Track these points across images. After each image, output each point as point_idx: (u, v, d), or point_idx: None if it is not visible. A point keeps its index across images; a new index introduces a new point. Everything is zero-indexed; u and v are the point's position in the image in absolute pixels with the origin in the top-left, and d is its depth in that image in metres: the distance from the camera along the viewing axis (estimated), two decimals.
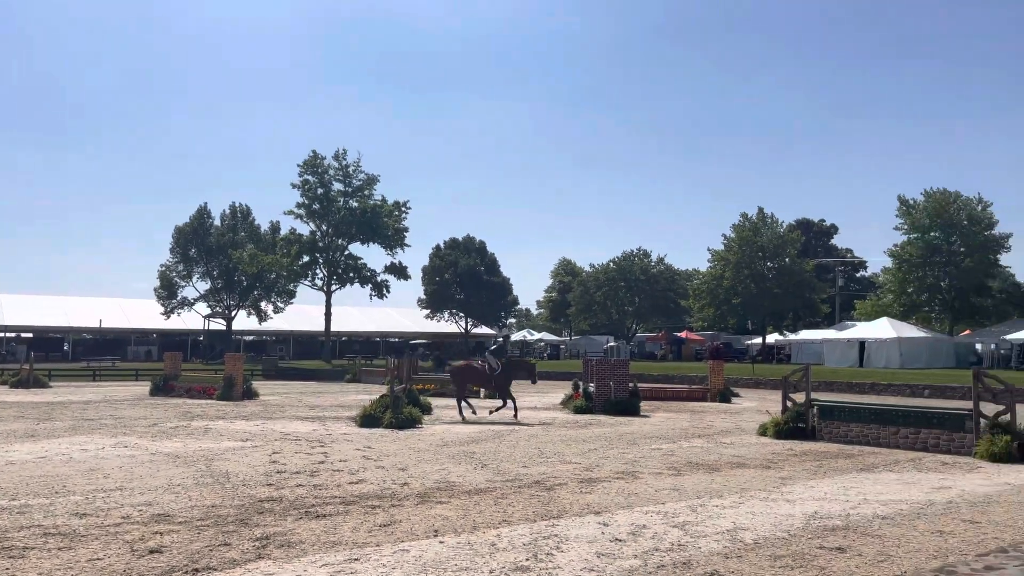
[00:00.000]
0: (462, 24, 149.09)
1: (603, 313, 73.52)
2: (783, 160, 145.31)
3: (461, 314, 71.92)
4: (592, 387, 20.86)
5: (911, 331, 46.37)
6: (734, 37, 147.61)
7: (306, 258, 56.63)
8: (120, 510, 7.61)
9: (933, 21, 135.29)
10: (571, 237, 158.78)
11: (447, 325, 73.11)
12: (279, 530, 6.85)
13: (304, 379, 40.70)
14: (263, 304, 59.30)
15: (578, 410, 20.29)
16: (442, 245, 73.35)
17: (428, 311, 71.77)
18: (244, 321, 61.30)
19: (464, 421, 17.65)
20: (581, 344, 69.49)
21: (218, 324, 60.33)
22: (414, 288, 77.45)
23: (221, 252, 58.61)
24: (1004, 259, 51.80)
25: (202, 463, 10.88)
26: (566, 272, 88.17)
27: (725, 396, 25.88)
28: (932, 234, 50.97)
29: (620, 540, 6.63)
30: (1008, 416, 12.35)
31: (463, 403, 18.39)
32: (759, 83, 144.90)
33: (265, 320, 59.65)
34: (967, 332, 52.31)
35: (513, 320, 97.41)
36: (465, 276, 69.44)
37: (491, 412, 18.52)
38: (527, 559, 5.97)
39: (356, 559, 5.94)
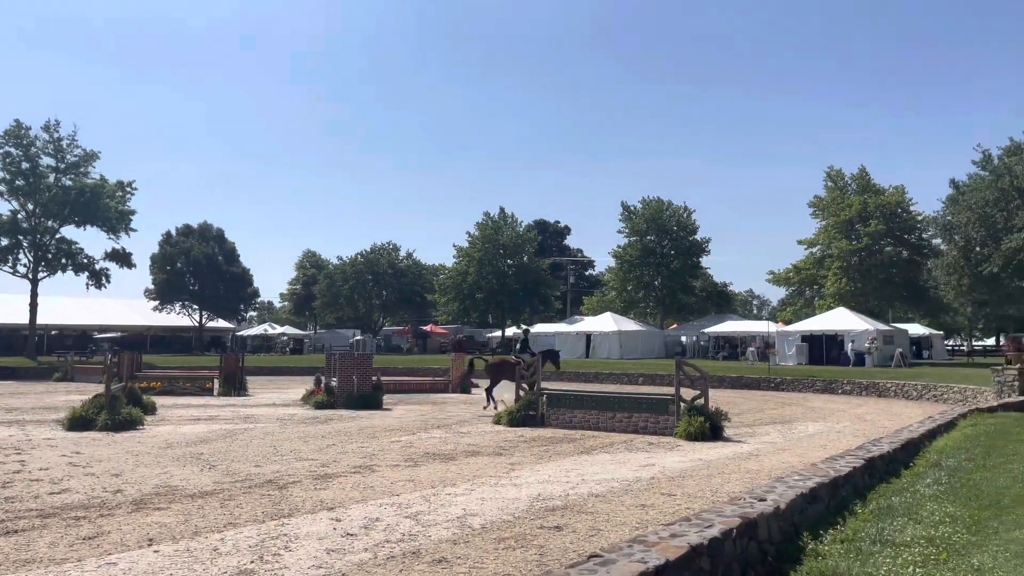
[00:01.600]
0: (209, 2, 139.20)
1: (350, 306, 72.59)
2: (525, 162, 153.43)
3: (195, 306, 67.12)
4: (335, 382, 20.52)
5: (630, 325, 51.13)
6: (487, 43, 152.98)
7: (6, 241, 49.49)
8: None
9: (665, 36, 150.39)
10: (317, 229, 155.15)
11: (179, 318, 67.83)
12: None
13: (2, 379, 35.59)
14: None
15: (319, 405, 19.85)
16: (174, 232, 67.97)
17: (157, 302, 66.07)
18: None
19: (496, 411, 17.46)
20: (326, 338, 67.98)
21: None
22: (142, 277, 70.95)
23: None
24: (704, 261, 59.17)
25: None
26: (311, 264, 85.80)
27: (466, 387, 26.80)
28: (648, 237, 56.84)
29: (352, 535, 6.62)
30: (702, 400, 14.10)
31: (491, 396, 18.98)
32: (507, 87, 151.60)
33: None
34: (675, 326, 58.86)
35: (254, 313, 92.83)
36: (200, 265, 64.91)
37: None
38: (252, 561, 5.75)
39: None
